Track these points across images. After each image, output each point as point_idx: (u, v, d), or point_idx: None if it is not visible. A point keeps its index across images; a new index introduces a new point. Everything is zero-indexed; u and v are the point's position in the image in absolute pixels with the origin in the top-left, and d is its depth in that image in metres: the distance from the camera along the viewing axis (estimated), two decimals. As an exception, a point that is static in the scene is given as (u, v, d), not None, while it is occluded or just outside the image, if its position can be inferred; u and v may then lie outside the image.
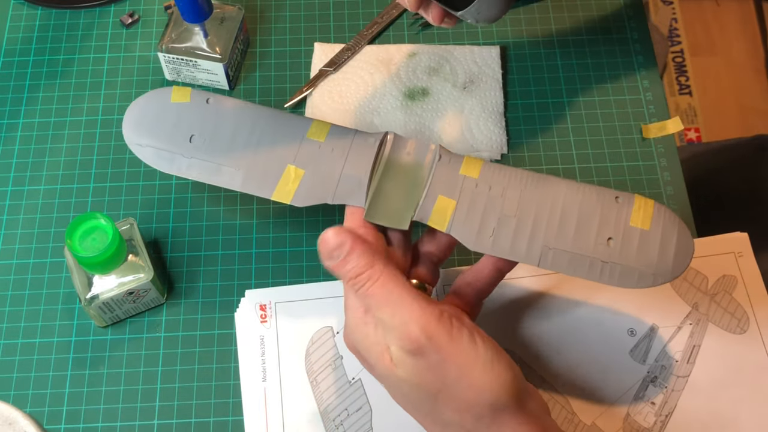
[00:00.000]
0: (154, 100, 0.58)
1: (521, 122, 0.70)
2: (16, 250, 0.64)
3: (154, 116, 0.57)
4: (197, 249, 0.64)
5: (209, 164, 0.56)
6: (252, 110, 0.58)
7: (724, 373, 0.59)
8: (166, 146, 0.56)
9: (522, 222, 0.54)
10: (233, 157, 0.56)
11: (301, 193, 0.55)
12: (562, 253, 0.53)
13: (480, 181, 0.55)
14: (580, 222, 0.54)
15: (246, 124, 0.57)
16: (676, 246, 0.53)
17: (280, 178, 0.56)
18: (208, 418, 0.59)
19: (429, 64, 0.71)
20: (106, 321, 0.61)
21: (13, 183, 0.67)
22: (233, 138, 0.56)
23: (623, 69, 0.73)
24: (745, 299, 0.62)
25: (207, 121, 0.57)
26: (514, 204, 0.54)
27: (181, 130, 0.57)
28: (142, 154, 0.57)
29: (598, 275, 0.52)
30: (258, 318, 0.61)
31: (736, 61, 1.68)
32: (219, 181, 0.56)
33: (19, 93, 0.71)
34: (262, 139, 0.56)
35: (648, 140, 0.69)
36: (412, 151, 0.56)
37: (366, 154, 0.56)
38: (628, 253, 0.53)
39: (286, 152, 0.56)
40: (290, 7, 0.76)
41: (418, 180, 0.55)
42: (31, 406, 0.59)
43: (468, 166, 0.55)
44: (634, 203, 0.54)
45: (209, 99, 0.58)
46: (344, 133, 0.57)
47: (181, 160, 0.56)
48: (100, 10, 0.75)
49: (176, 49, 0.68)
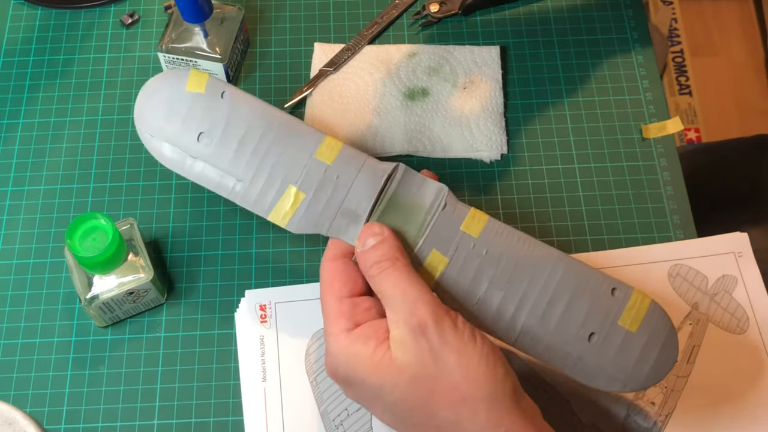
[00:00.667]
0: (167, 85, 0.55)
1: (521, 122, 0.70)
2: (16, 250, 0.64)
3: (166, 104, 0.55)
4: (197, 249, 0.65)
5: (213, 170, 0.54)
6: (266, 114, 0.55)
7: (724, 373, 0.59)
8: (175, 141, 0.55)
9: (509, 297, 0.52)
10: (238, 166, 0.54)
11: (297, 219, 0.54)
12: (541, 339, 0.52)
13: (478, 242, 0.53)
14: (568, 310, 0.52)
15: (257, 131, 0.54)
16: (656, 356, 0.51)
17: (281, 198, 0.54)
18: (208, 418, 0.59)
19: (429, 64, 0.71)
20: (106, 321, 0.61)
21: (13, 183, 0.67)
22: (241, 144, 0.54)
23: (623, 69, 0.73)
24: (744, 299, 0.62)
25: (218, 120, 0.55)
26: (507, 275, 0.52)
27: (191, 125, 0.54)
28: (151, 146, 0.55)
29: (570, 368, 0.52)
30: (258, 318, 0.61)
31: (735, 61, 1.68)
32: (219, 190, 0.54)
33: (19, 93, 0.71)
34: (271, 150, 0.54)
35: (648, 140, 0.69)
36: (418, 191, 0.54)
37: (371, 187, 0.54)
38: (606, 354, 0.51)
39: (292, 170, 0.54)
40: (290, 7, 0.76)
41: (417, 225, 0.53)
42: (31, 406, 0.59)
43: (471, 221, 0.53)
44: (630, 299, 0.52)
45: (224, 92, 0.55)
46: (353, 159, 0.54)
47: (186, 161, 0.55)
48: (100, 10, 0.75)
49: (176, 49, 0.68)
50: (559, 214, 0.66)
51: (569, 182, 0.67)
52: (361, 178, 0.54)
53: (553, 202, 0.67)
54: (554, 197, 0.67)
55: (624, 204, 0.66)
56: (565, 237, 0.65)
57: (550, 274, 0.52)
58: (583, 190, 0.67)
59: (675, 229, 0.65)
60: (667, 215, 0.66)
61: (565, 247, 0.65)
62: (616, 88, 0.72)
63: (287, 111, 0.70)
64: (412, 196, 0.54)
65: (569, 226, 0.66)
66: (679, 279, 0.63)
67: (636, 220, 0.66)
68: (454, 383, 0.47)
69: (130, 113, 0.70)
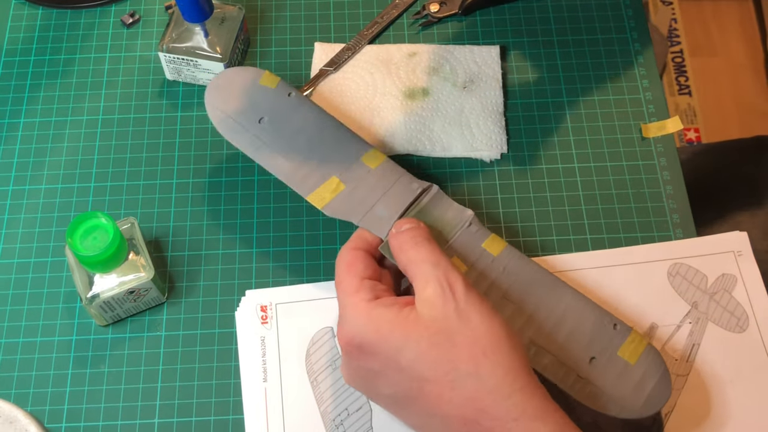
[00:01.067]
0: (244, 74, 0.63)
1: (521, 122, 0.70)
2: (17, 249, 0.65)
3: (239, 88, 0.62)
4: (198, 248, 0.65)
5: (265, 147, 0.60)
6: (323, 118, 0.62)
7: (723, 372, 0.60)
8: (238, 118, 0.61)
9: (520, 311, 0.56)
10: (289, 149, 0.60)
11: (333, 205, 0.58)
12: (546, 353, 0.55)
13: (497, 260, 0.57)
14: (572, 333, 0.55)
15: (312, 128, 0.61)
16: (651, 390, 0.54)
17: (322, 184, 0.59)
18: (208, 416, 0.59)
19: (429, 64, 0.72)
20: (106, 320, 0.61)
21: (14, 182, 0.67)
22: (296, 134, 0.61)
23: (623, 69, 0.73)
24: (744, 298, 0.62)
25: (280, 112, 0.61)
26: (519, 292, 0.56)
27: (256, 109, 0.61)
28: (215, 116, 0.61)
29: (570, 386, 0.54)
30: (259, 319, 0.61)
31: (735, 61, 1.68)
32: (268, 164, 0.60)
33: (20, 93, 0.71)
34: (321, 145, 0.60)
35: (647, 140, 0.69)
36: (447, 210, 0.58)
37: (405, 196, 0.58)
38: (606, 378, 0.54)
39: (337, 165, 0.60)
40: (291, 6, 0.76)
41: (442, 237, 0.57)
42: (32, 405, 0.59)
43: (492, 242, 0.58)
44: (629, 335, 0.56)
45: (291, 93, 0.62)
46: (393, 170, 0.60)
47: (243, 134, 0.61)
48: (100, 10, 0.75)
49: (177, 48, 0.68)
50: (559, 213, 0.66)
51: (569, 181, 0.67)
52: (399, 185, 0.59)
53: (553, 201, 0.67)
54: (554, 196, 0.67)
55: (624, 203, 0.67)
56: (565, 236, 0.65)
57: (559, 298, 0.56)
58: (583, 190, 0.67)
59: (675, 229, 0.65)
60: (666, 214, 0.66)
61: (565, 246, 0.65)
62: (616, 88, 0.72)
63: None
64: (441, 213, 0.58)
65: (569, 225, 0.66)
66: (679, 278, 0.63)
67: (636, 219, 0.66)
68: (477, 336, 0.48)
69: (131, 112, 0.70)
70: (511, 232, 0.65)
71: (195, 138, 0.69)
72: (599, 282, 0.62)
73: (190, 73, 0.70)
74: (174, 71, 0.70)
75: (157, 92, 0.71)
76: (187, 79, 0.71)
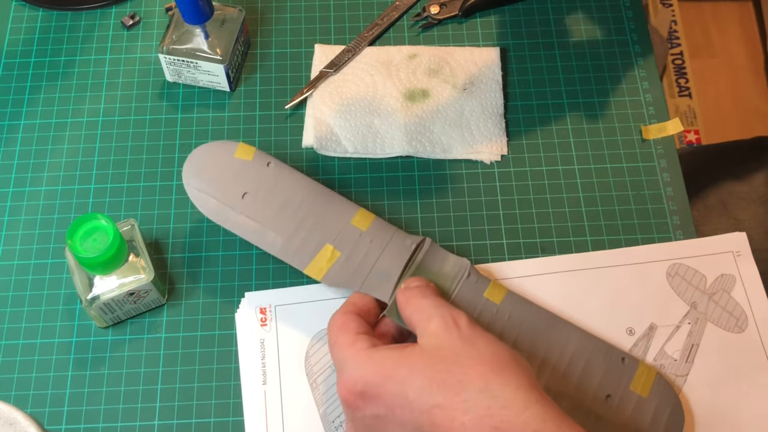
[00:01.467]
0: (217, 151, 0.61)
1: (521, 123, 0.70)
2: (17, 251, 0.65)
3: (215, 166, 0.61)
4: (198, 250, 0.65)
5: (254, 224, 0.59)
6: (307, 184, 0.61)
7: (722, 372, 0.60)
8: (221, 197, 0.60)
9: (532, 357, 0.56)
10: (278, 223, 0.59)
11: (332, 274, 0.58)
12: (563, 396, 0.55)
13: (501, 308, 0.58)
14: (585, 373, 0.56)
15: (298, 195, 0.60)
16: (667, 420, 0.55)
17: (317, 253, 0.59)
18: (208, 418, 0.59)
19: (429, 66, 0.72)
20: (106, 322, 0.61)
21: (14, 184, 0.67)
22: (283, 206, 0.60)
23: (623, 70, 0.73)
24: (743, 298, 0.62)
25: (262, 184, 0.60)
26: (528, 339, 0.57)
27: (237, 185, 0.60)
28: (197, 198, 0.60)
29: (591, 426, 0.54)
30: (258, 321, 0.61)
31: (735, 63, 1.68)
32: (260, 242, 0.59)
33: (20, 94, 0.71)
34: (310, 213, 0.60)
35: (648, 141, 0.69)
36: (444, 262, 0.59)
37: (401, 254, 0.59)
38: (623, 414, 0.55)
39: (329, 232, 0.59)
40: (291, 8, 0.76)
41: (444, 290, 0.58)
42: (32, 407, 0.59)
43: (493, 290, 0.58)
44: (638, 367, 0.57)
45: (270, 163, 0.61)
46: (384, 228, 0.60)
47: (229, 213, 0.59)
48: (101, 11, 0.75)
49: (177, 50, 0.68)
50: (560, 215, 0.66)
51: (569, 183, 0.67)
52: (393, 244, 0.59)
53: (554, 203, 0.67)
54: (554, 198, 0.67)
55: (624, 205, 0.67)
56: (566, 237, 0.65)
57: (567, 339, 0.57)
58: (583, 191, 0.67)
59: (675, 230, 0.65)
60: (667, 216, 0.66)
61: (566, 247, 0.65)
62: (616, 90, 0.72)
63: (288, 112, 0.70)
64: (438, 266, 0.59)
65: (569, 226, 0.66)
66: (678, 278, 0.63)
67: (636, 221, 0.66)
68: (483, 358, 0.48)
69: (131, 114, 0.70)
70: (512, 234, 0.65)
71: (195, 140, 0.69)
72: (599, 282, 0.62)
73: (190, 74, 0.70)
74: (174, 73, 0.70)
75: (158, 94, 0.71)
76: (187, 81, 0.71)
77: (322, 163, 0.68)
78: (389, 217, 0.66)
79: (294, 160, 0.68)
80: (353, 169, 0.68)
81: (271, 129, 0.70)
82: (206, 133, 0.69)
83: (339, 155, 0.68)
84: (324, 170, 0.68)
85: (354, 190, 0.67)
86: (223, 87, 0.71)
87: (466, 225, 0.66)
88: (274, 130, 0.70)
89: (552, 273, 0.63)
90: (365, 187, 0.67)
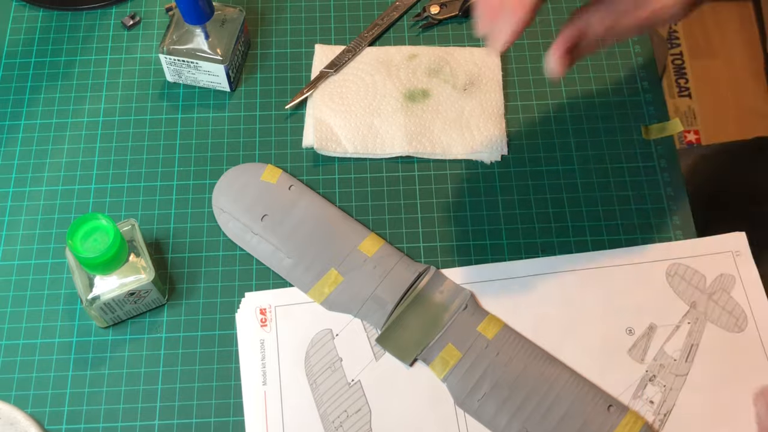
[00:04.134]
0: (246, 173, 0.65)
1: (521, 123, 0.70)
2: (17, 251, 0.65)
3: (241, 188, 0.65)
4: (198, 250, 0.65)
5: (268, 245, 0.63)
6: (323, 207, 0.64)
7: (722, 372, 0.60)
8: (243, 219, 0.64)
9: (512, 397, 0.57)
10: (289, 245, 0.63)
11: (332, 299, 0.61)
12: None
13: (492, 344, 0.59)
14: (566, 417, 0.56)
15: (311, 220, 0.63)
16: None
17: (321, 277, 0.61)
18: (209, 418, 0.59)
19: (429, 66, 0.72)
20: (107, 322, 0.61)
21: (14, 184, 0.67)
22: (296, 228, 0.63)
23: (623, 71, 0.73)
24: (742, 298, 0.62)
25: (281, 206, 0.64)
26: (513, 377, 0.57)
27: (258, 207, 0.64)
28: (220, 219, 0.64)
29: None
30: (258, 322, 0.61)
31: (735, 63, 1.68)
32: (271, 263, 0.62)
33: (20, 95, 0.71)
34: (319, 237, 0.63)
35: (648, 142, 0.70)
36: (445, 291, 0.60)
37: (402, 282, 0.61)
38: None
39: (335, 256, 0.62)
40: (291, 9, 0.76)
41: (438, 321, 0.59)
42: (32, 407, 0.59)
43: (487, 324, 0.59)
44: (625, 416, 0.56)
45: (292, 186, 0.65)
46: (391, 255, 0.62)
47: (248, 235, 0.63)
48: (101, 12, 0.75)
49: (177, 50, 0.68)
50: (560, 215, 0.66)
51: (569, 183, 0.68)
52: (396, 271, 0.61)
53: (554, 203, 0.67)
54: (554, 198, 0.67)
55: (624, 205, 0.67)
56: (566, 238, 0.65)
57: (554, 381, 0.57)
58: (583, 191, 0.67)
59: (675, 230, 0.66)
60: (667, 216, 0.66)
61: (566, 247, 0.65)
62: (616, 90, 0.72)
63: (288, 112, 0.70)
64: (438, 296, 0.60)
65: (569, 227, 0.66)
66: (677, 278, 0.63)
67: (636, 221, 0.66)
68: None
69: (131, 114, 0.70)
70: (512, 234, 0.65)
71: (195, 140, 0.69)
72: (599, 282, 0.62)
73: (190, 74, 0.70)
74: (174, 73, 0.70)
75: (158, 94, 0.71)
76: (187, 81, 0.71)
77: (322, 163, 0.68)
78: (389, 216, 0.66)
79: (294, 160, 0.68)
80: (353, 169, 0.68)
81: (271, 129, 0.70)
82: (206, 133, 0.69)
83: (339, 155, 0.68)
84: (324, 170, 0.68)
85: (354, 190, 0.67)
86: (223, 87, 0.71)
87: (466, 225, 0.66)
88: (274, 130, 0.70)
89: (552, 273, 0.63)
90: (365, 187, 0.67)
